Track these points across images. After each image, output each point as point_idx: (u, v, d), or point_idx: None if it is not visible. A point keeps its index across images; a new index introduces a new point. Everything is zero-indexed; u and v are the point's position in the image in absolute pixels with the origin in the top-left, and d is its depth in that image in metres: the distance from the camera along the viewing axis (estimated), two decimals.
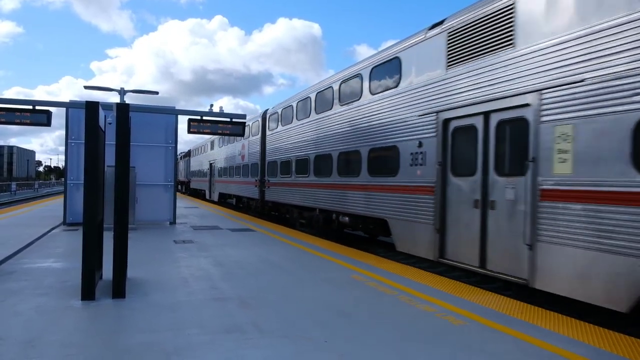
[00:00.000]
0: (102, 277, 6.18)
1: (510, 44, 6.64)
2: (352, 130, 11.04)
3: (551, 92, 5.91)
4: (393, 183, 9.28)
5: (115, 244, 5.47)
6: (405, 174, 8.90)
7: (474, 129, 7.32)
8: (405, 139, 8.94)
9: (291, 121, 15.28)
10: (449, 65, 7.87)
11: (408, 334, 4.38)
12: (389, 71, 9.70)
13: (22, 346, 3.82)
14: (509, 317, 4.92)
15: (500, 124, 6.86)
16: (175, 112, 12.74)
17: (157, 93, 24.79)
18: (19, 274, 6.49)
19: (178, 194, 14.12)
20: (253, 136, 19.67)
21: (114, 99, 26.50)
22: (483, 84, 7.08)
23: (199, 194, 35.71)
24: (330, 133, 12.21)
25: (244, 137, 20.73)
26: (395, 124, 9.30)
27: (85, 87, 24.44)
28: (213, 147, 30.01)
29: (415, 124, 8.65)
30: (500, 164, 6.89)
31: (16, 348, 3.77)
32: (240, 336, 4.18)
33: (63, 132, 12.52)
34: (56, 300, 5.20)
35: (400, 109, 9.16)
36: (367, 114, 10.36)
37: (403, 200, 8.97)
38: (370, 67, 10.42)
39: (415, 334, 4.39)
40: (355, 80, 11.10)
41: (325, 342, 4.08)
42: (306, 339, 4.16)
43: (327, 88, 12.68)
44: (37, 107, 7.95)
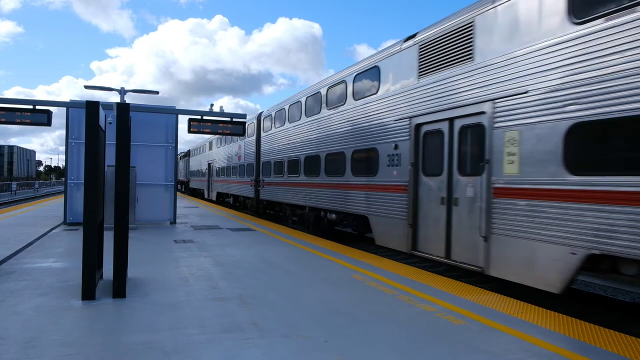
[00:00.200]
0: (103, 277, 6.18)
1: (470, 57, 7.39)
2: (338, 133, 11.74)
3: (502, 102, 6.68)
4: (373, 182, 10.03)
5: (115, 244, 5.47)
6: (384, 174, 9.64)
7: (440, 133, 8.07)
8: (383, 141, 9.69)
9: (284, 123, 15.92)
10: (420, 74, 8.63)
11: (408, 333, 4.38)
12: (369, 79, 10.48)
13: (22, 346, 3.82)
14: (510, 317, 4.92)
15: (462, 129, 7.61)
16: (175, 112, 12.73)
17: (158, 93, 24.80)
18: (19, 273, 6.50)
19: (178, 193, 14.14)
20: (249, 137, 20.31)
21: (114, 98, 26.52)
22: (448, 92, 7.81)
23: (198, 194, 36.24)
24: (319, 135, 12.89)
25: (241, 139, 21.65)
26: (375, 127, 10.05)
27: (86, 87, 24.43)
28: (211, 148, 30.55)
29: (392, 127, 9.39)
30: (462, 164, 7.64)
31: (16, 348, 3.77)
32: (240, 336, 4.18)
33: (63, 132, 12.55)
34: (56, 300, 5.20)
35: (379, 113, 9.91)
36: (351, 118, 11.10)
37: (381, 198, 9.71)
38: (354, 75, 11.14)
39: (416, 333, 4.39)
40: (340, 86, 11.82)
41: (325, 342, 4.08)
42: (306, 338, 4.17)
43: (316, 93, 13.35)
44: (38, 107, 7.95)
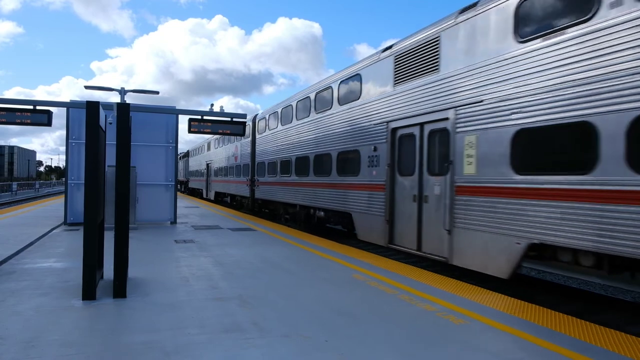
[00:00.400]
0: (103, 277, 6.18)
1: (437, 69, 8.17)
2: (325, 136, 12.55)
3: (463, 109, 7.47)
4: (355, 182, 10.81)
5: (116, 244, 5.47)
6: (365, 174, 10.41)
7: (413, 136, 8.84)
8: (364, 144, 10.46)
9: (277, 126, 16.66)
10: (395, 83, 9.40)
11: (409, 333, 4.38)
12: (352, 85, 11.30)
13: (23, 346, 3.82)
14: (510, 316, 4.92)
15: (431, 133, 8.38)
16: (175, 112, 12.73)
17: (158, 93, 24.82)
18: (19, 273, 6.50)
19: (177, 193, 14.21)
20: (245, 139, 20.98)
21: (115, 98, 26.53)
22: (419, 99, 8.58)
23: (197, 193, 36.92)
24: (308, 138, 13.68)
25: (237, 140, 22.55)
26: (357, 130, 10.82)
27: (86, 87, 24.45)
28: (209, 149, 31.22)
29: (372, 131, 10.16)
30: (431, 165, 8.41)
31: (16, 347, 3.77)
32: (240, 335, 4.18)
33: (64, 132, 12.53)
34: (57, 300, 5.20)
35: (361, 118, 10.68)
36: (337, 121, 11.91)
37: (363, 197, 10.47)
38: (339, 81, 11.95)
39: (416, 333, 4.39)
40: (327, 91, 12.64)
41: (325, 342, 4.08)
42: (306, 338, 4.16)
43: (305, 97, 14.11)
44: (38, 107, 7.95)
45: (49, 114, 8.11)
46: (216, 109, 9.83)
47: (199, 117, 9.01)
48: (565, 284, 8.98)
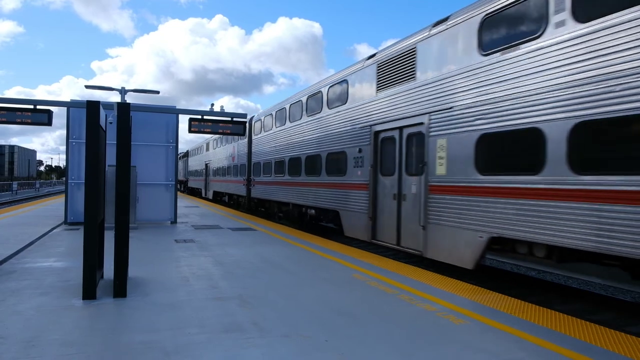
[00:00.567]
0: (103, 277, 6.18)
1: (413, 77, 8.76)
2: (316, 138, 13.13)
3: (435, 115, 8.08)
4: (342, 181, 11.44)
5: (116, 244, 5.47)
6: (350, 174, 11.02)
7: (393, 139, 9.45)
8: (350, 145, 11.07)
9: (272, 128, 17.29)
10: (378, 89, 10.00)
11: (409, 333, 4.38)
12: (340, 90, 11.91)
13: (23, 345, 3.82)
14: (510, 316, 4.92)
15: (409, 137, 8.99)
16: (176, 112, 12.74)
17: (158, 92, 24.83)
18: (20, 273, 6.50)
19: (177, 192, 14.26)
20: (242, 139, 21.78)
21: (115, 98, 26.52)
22: (399, 105, 9.17)
23: (196, 193, 37.62)
24: (300, 139, 14.29)
25: (234, 140, 23.32)
26: (344, 133, 11.44)
27: (86, 87, 24.46)
28: (208, 149, 31.89)
29: (357, 134, 10.77)
30: (408, 166, 9.03)
31: (17, 347, 3.78)
32: (240, 335, 4.18)
33: (64, 132, 12.55)
34: (57, 300, 5.21)
35: (347, 121, 11.31)
36: (326, 124, 12.53)
37: (348, 195, 11.09)
38: (328, 86, 12.57)
39: (416, 333, 4.39)
40: (317, 96, 13.26)
41: (325, 342, 4.08)
42: (306, 338, 4.16)
43: (298, 101, 14.73)
44: (38, 107, 7.95)
45: (50, 113, 8.11)
46: (216, 108, 9.86)
47: (199, 117, 9.01)
48: (565, 284, 8.99)
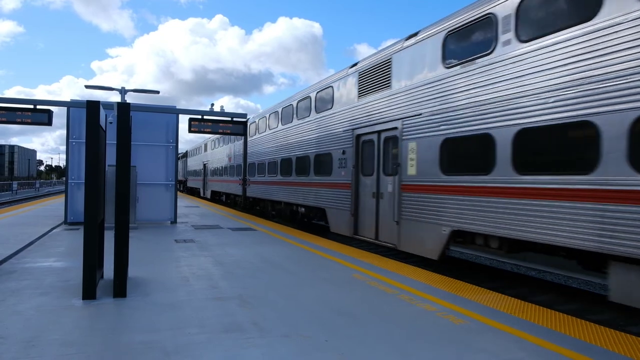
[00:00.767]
0: (103, 277, 6.18)
1: (389, 86, 9.59)
2: (305, 140, 13.96)
3: (407, 120, 8.87)
4: (328, 181, 12.22)
5: (116, 243, 5.47)
6: (335, 174, 11.82)
7: (373, 142, 10.27)
8: (335, 147, 11.88)
9: (265, 130, 18.16)
10: (359, 95, 10.83)
11: (409, 333, 4.38)
12: (326, 96, 12.71)
13: (23, 345, 3.82)
14: (510, 316, 4.92)
15: (385, 140, 9.80)
16: (176, 112, 12.75)
17: (158, 92, 24.83)
18: (20, 273, 6.50)
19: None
20: (238, 141, 22.69)
21: (115, 98, 26.51)
22: (377, 111, 9.98)
23: (195, 192, 38.37)
24: (291, 141, 15.13)
25: (231, 142, 24.16)
26: (330, 136, 12.24)
27: (86, 87, 24.46)
28: (206, 150, 32.72)
29: (341, 137, 11.58)
30: (385, 167, 9.83)
31: (17, 347, 3.78)
32: (240, 335, 4.18)
33: (64, 132, 12.56)
34: (57, 300, 5.21)
35: (332, 125, 12.13)
36: (314, 127, 13.33)
37: (334, 194, 11.89)
38: (316, 92, 13.39)
39: (416, 333, 4.39)
40: (306, 100, 14.07)
41: (325, 342, 4.08)
42: (306, 338, 4.16)
43: (289, 105, 15.62)
44: (38, 107, 7.96)
45: (50, 113, 8.12)
46: (216, 108, 9.88)
47: (199, 117, 9.02)
48: (565, 284, 8.99)
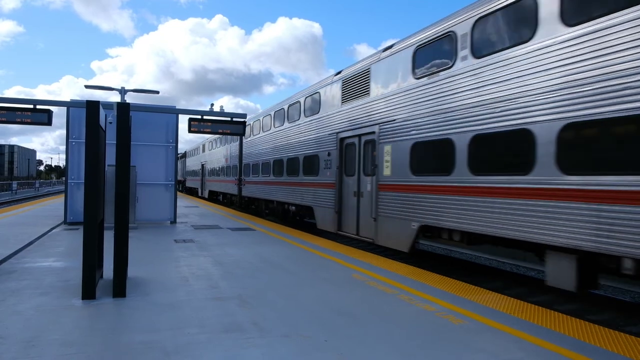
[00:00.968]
0: (103, 277, 6.19)
1: (368, 93, 10.44)
2: (295, 142, 14.76)
3: (383, 125, 9.68)
4: (315, 181, 12.99)
5: (115, 243, 5.47)
6: (322, 175, 12.60)
7: (354, 145, 11.09)
8: (322, 150, 12.68)
9: (259, 132, 19.01)
10: (343, 101, 11.67)
11: (408, 333, 4.38)
12: (314, 101, 13.52)
13: (23, 345, 3.83)
14: (509, 316, 4.93)
15: (365, 143, 10.58)
16: (175, 112, 12.73)
17: (158, 92, 24.80)
18: (19, 273, 6.50)
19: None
20: (234, 142, 23.49)
21: (115, 98, 26.50)
22: (358, 116, 10.82)
23: (193, 192, 39.03)
24: (283, 143, 15.92)
25: (227, 143, 24.82)
26: (317, 139, 13.03)
27: (86, 87, 24.44)
28: (204, 150, 33.46)
29: (327, 140, 12.39)
30: (365, 168, 10.60)
31: (17, 347, 3.78)
32: (240, 335, 4.18)
33: (64, 132, 12.55)
34: (57, 300, 5.21)
35: (319, 129, 12.93)
36: (303, 130, 14.11)
37: (320, 193, 12.65)
38: (305, 97, 14.21)
39: (416, 333, 4.40)
40: (296, 105, 14.93)
41: (325, 342, 4.09)
42: (306, 338, 4.17)
43: (280, 109, 16.46)
44: (38, 107, 7.94)
45: (49, 113, 8.10)
46: (216, 108, 9.90)
47: (199, 117, 9.01)
48: None
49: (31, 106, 7.91)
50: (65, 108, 11.85)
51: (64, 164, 14.27)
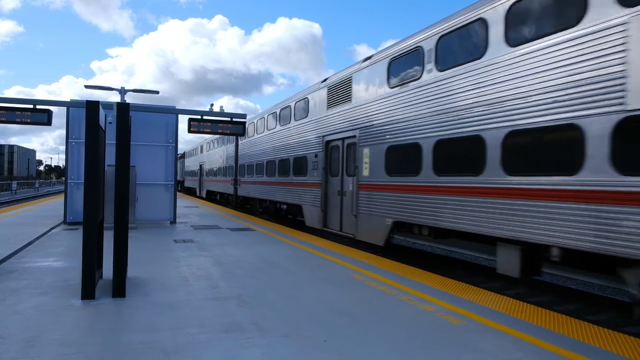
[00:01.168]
0: (103, 277, 6.19)
1: (350, 100, 11.33)
2: (286, 144, 15.61)
3: (363, 130, 10.57)
4: (304, 181, 13.78)
5: (115, 243, 5.47)
6: (310, 175, 13.39)
7: (338, 147, 11.93)
8: (310, 151, 13.50)
9: (254, 134, 19.85)
10: (328, 107, 12.52)
11: (408, 333, 4.39)
12: (303, 106, 14.41)
13: (23, 345, 3.83)
14: (508, 317, 4.93)
15: (348, 146, 11.42)
16: (175, 112, 12.73)
17: (158, 92, 24.80)
18: (19, 272, 6.51)
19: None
20: (230, 143, 24.34)
21: (115, 98, 26.50)
22: (342, 121, 11.67)
23: (192, 192, 39.67)
24: (275, 145, 16.77)
25: (224, 144, 25.57)
26: (306, 141, 13.85)
27: (86, 87, 24.44)
28: (202, 151, 34.30)
29: (314, 142, 13.24)
30: (348, 169, 11.44)
31: (17, 347, 3.78)
32: (240, 335, 4.19)
33: (64, 132, 12.55)
34: (56, 300, 5.21)
35: (308, 132, 13.79)
36: (293, 134, 14.99)
37: (308, 192, 13.43)
38: (295, 102, 15.11)
39: (415, 333, 4.40)
40: (287, 109, 15.80)
41: (324, 342, 4.09)
42: (306, 338, 4.17)
43: (273, 112, 17.31)
44: (38, 107, 7.94)
45: (49, 113, 8.10)
46: (216, 108, 9.92)
47: (199, 117, 9.01)
48: (563, 285, 9.00)
49: (31, 106, 7.91)
50: (65, 108, 11.85)
51: (64, 164, 14.26)
